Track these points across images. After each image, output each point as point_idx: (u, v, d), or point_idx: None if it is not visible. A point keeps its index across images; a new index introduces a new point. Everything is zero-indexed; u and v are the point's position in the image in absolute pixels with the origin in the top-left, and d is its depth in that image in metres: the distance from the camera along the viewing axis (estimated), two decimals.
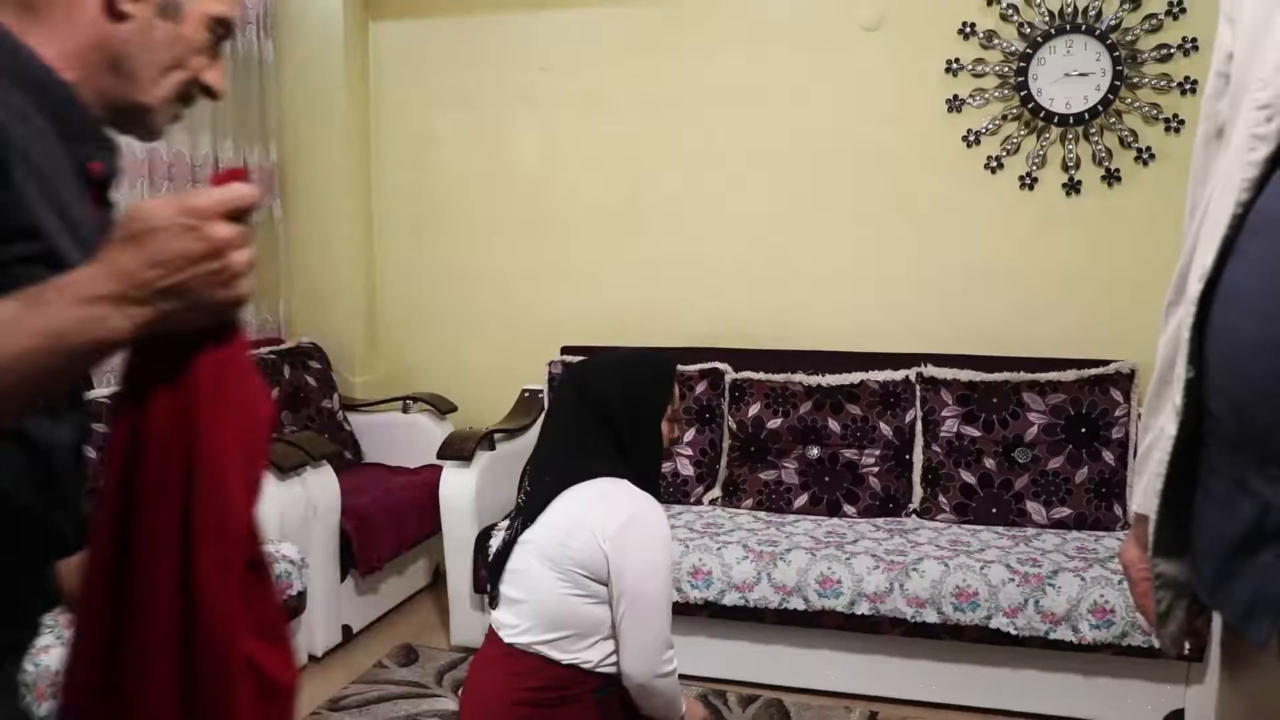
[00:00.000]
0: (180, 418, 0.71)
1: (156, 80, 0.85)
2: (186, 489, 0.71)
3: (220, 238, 0.68)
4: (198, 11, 0.86)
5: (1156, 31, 3.00)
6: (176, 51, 0.86)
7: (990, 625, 2.46)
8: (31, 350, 0.63)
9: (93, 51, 0.81)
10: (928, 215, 3.26)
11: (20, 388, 0.64)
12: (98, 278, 0.66)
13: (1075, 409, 2.89)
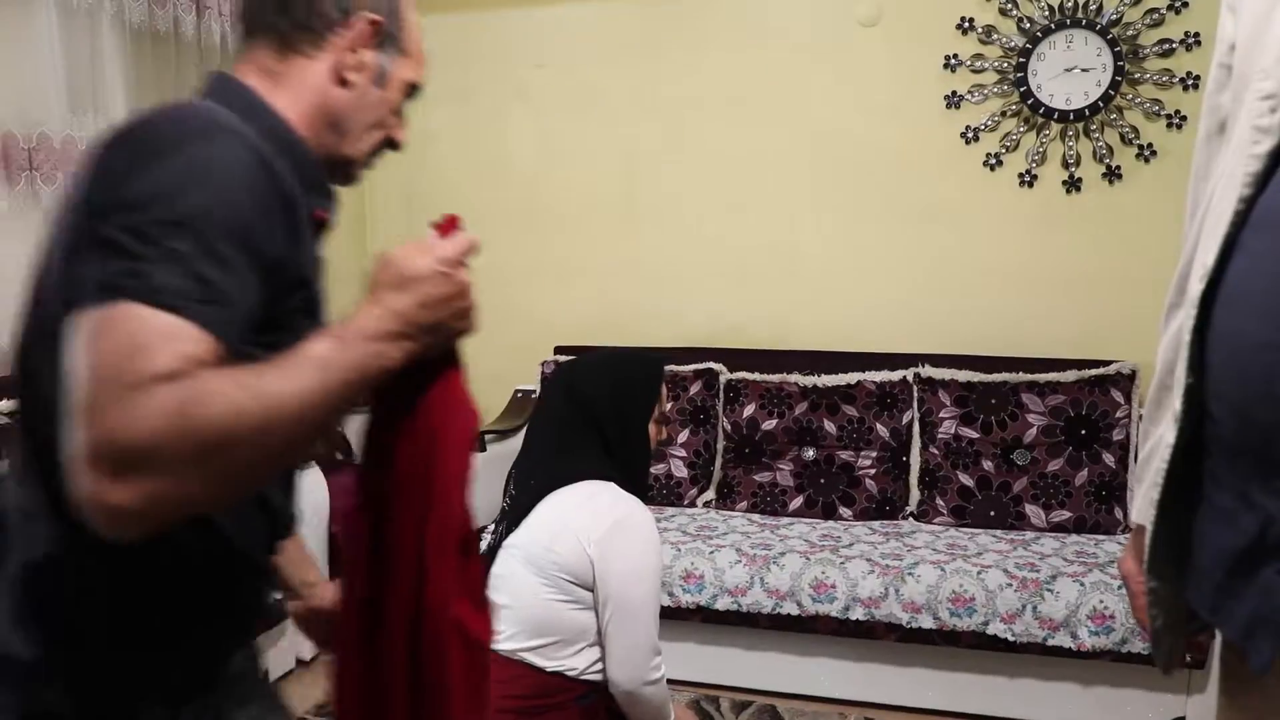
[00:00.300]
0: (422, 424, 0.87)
1: (362, 137, 0.99)
2: (426, 487, 0.87)
3: (464, 280, 0.85)
4: (398, 78, 1.00)
5: (1158, 26, 2.95)
6: (381, 113, 1.00)
7: (987, 631, 2.41)
8: (343, 384, 0.75)
9: (319, 112, 0.94)
10: (925, 213, 3.21)
11: (331, 416, 0.77)
12: (382, 318, 0.80)
13: (1075, 410, 2.84)
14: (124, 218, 0.72)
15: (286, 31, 0.93)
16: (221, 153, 0.78)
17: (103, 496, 0.65)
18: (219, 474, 0.69)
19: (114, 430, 0.65)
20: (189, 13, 3.28)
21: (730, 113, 3.35)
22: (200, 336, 0.70)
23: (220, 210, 0.75)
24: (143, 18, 3.10)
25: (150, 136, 0.78)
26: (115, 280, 0.70)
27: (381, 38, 0.97)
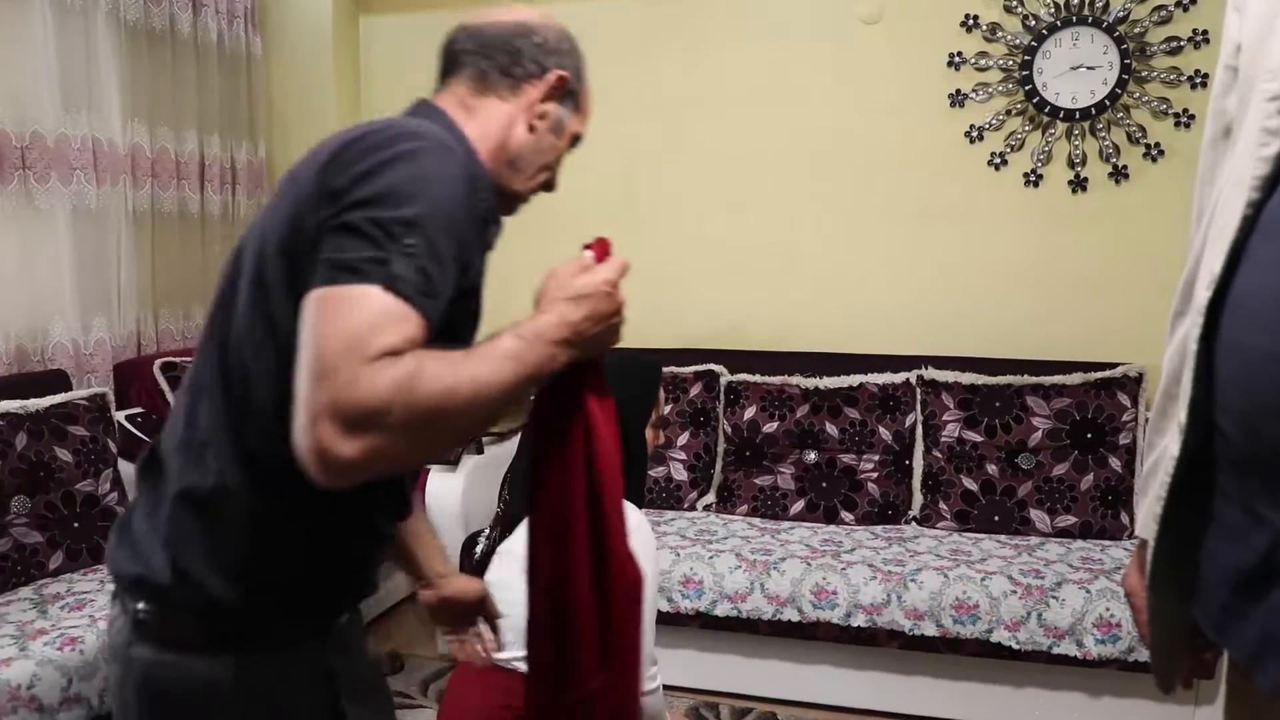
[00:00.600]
0: (582, 418, 1.06)
1: (533, 176, 1.12)
2: (590, 466, 1.07)
3: (621, 299, 0.99)
4: (570, 130, 1.14)
5: (1166, 23, 2.91)
6: (550, 158, 1.13)
7: (991, 639, 2.37)
8: (525, 377, 0.89)
9: (501, 149, 1.06)
10: (929, 213, 3.17)
11: (511, 401, 0.89)
12: (558, 326, 0.93)
13: (1081, 414, 2.80)
14: (368, 211, 0.84)
15: (488, 74, 1.07)
16: (447, 168, 0.91)
17: (332, 448, 0.77)
18: (427, 439, 0.82)
19: (351, 393, 0.76)
20: (185, 10, 3.25)
21: (731, 112, 3.31)
22: (420, 322, 0.83)
23: (442, 217, 0.87)
24: (138, 15, 3.07)
25: (389, 144, 0.89)
26: (360, 265, 0.82)
27: (564, 93, 1.11)
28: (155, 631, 0.99)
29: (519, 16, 1.11)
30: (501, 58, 1.07)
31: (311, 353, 0.79)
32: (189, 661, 0.98)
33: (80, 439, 2.52)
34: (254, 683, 0.99)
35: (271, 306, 0.92)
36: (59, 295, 2.81)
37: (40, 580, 2.33)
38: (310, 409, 0.78)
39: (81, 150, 2.84)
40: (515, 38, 1.08)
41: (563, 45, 1.12)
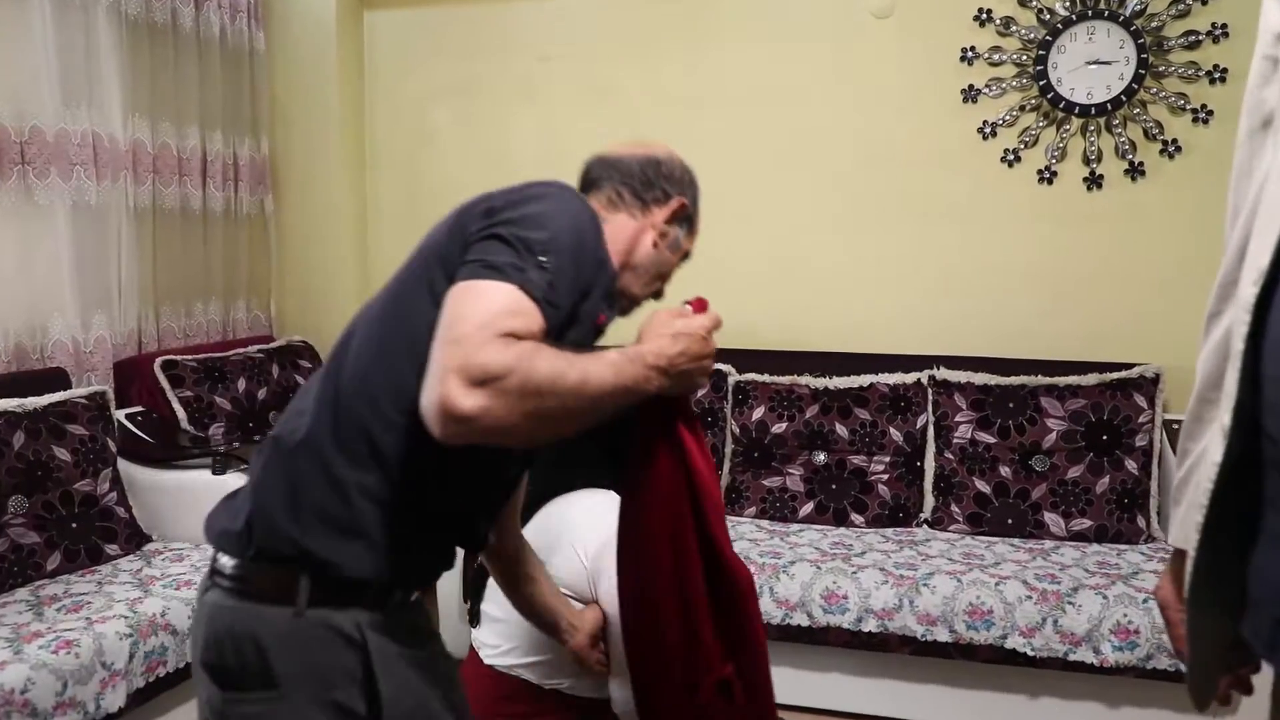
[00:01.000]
0: (678, 445, 1.21)
1: (648, 284, 1.29)
2: (690, 484, 1.21)
3: (712, 347, 1.13)
4: (683, 249, 1.32)
5: (1184, 17, 2.85)
6: (663, 270, 1.30)
7: (1005, 645, 2.32)
8: (621, 387, 1.03)
9: (626, 255, 1.24)
10: (941, 211, 3.12)
11: (604, 406, 1.03)
12: (656, 355, 1.07)
13: (1096, 415, 2.74)
14: (516, 229, 1.03)
15: (622, 194, 1.26)
16: (581, 215, 1.11)
17: (454, 400, 0.91)
18: (533, 412, 0.94)
19: (478, 356, 0.92)
20: (187, 4, 3.22)
21: (739, 108, 3.26)
22: (541, 322, 1.00)
23: (571, 247, 1.06)
24: (139, 9, 3.03)
25: (541, 187, 1.12)
26: (502, 266, 1.00)
27: (683, 218, 1.30)
28: (227, 580, 1.11)
29: (648, 151, 1.30)
30: (634, 183, 1.26)
31: (449, 325, 0.96)
32: (250, 609, 1.09)
33: (79, 438, 2.48)
34: (301, 637, 1.09)
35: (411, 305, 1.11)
36: (59, 292, 2.77)
37: (37, 581, 2.29)
38: (441, 366, 0.93)
39: (82, 146, 2.81)
40: (646, 168, 1.27)
41: (684, 178, 1.32)
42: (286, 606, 1.08)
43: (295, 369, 3.34)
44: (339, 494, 1.08)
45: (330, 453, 1.08)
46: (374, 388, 1.09)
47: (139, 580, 2.31)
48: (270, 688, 1.08)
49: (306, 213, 3.64)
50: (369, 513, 1.08)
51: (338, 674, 1.09)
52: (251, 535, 1.09)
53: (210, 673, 1.11)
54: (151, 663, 2.10)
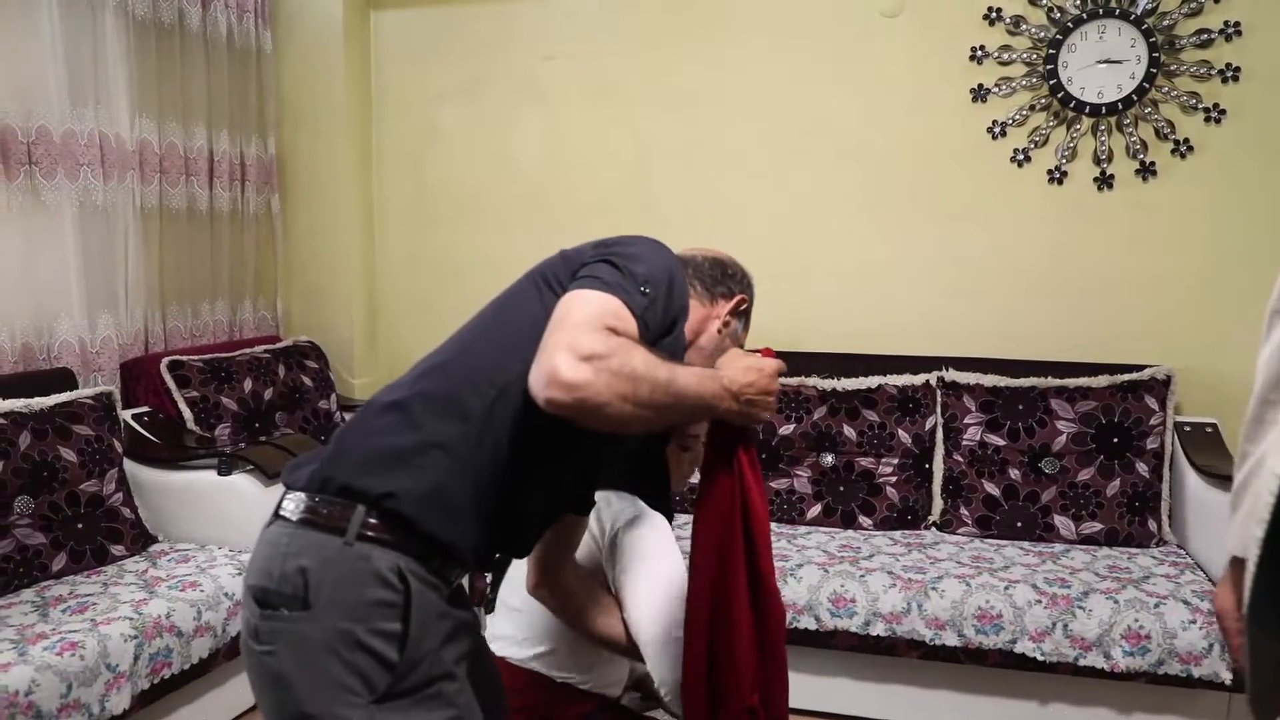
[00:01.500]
0: (735, 474, 1.31)
1: (705, 364, 1.36)
2: (744, 516, 1.30)
3: (777, 387, 1.27)
4: (738, 340, 1.48)
5: (1196, 15, 2.83)
6: (719, 357, 1.36)
7: (1015, 650, 2.30)
8: (698, 396, 1.16)
9: (695, 334, 1.40)
10: (950, 211, 3.10)
11: (681, 411, 1.17)
12: (732, 379, 1.21)
13: (1107, 417, 2.72)
14: (624, 260, 1.20)
15: (697, 286, 1.41)
16: (677, 267, 1.27)
17: (561, 369, 1.03)
18: (627, 395, 1.06)
19: (585, 337, 1.06)
20: (194, 5, 3.21)
21: (747, 107, 3.25)
22: (636, 334, 1.14)
23: (665, 284, 1.22)
24: (147, 9, 3.03)
25: (644, 239, 1.28)
26: (610, 281, 1.16)
27: (742, 312, 1.47)
28: (290, 513, 1.19)
29: (715, 254, 1.48)
30: (705, 278, 1.43)
31: (561, 318, 1.10)
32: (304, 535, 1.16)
33: (85, 438, 2.48)
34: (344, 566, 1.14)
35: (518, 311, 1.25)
36: (65, 292, 2.77)
37: (43, 582, 2.29)
38: (552, 344, 1.06)
39: (88, 145, 2.80)
40: (715, 267, 1.45)
41: (744, 279, 1.48)
42: (338, 536, 1.13)
43: (301, 369, 3.34)
44: (415, 435, 1.16)
45: (418, 406, 1.19)
46: (473, 359, 1.22)
47: (144, 582, 2.30)
48: (304, 608, 1.12)
49: (313, 212, 3.64)
50: (435, 457, 1.16)
51: (369, 612, 1.12)
52: (322, 469, 1.18)
53: (255, 595, 1.16)
54: (156, 664, 2.10)
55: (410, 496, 1.15)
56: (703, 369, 1.21)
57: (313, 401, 3.31)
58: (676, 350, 1.27)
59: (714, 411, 1.21)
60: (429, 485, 1.15)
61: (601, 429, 1.12)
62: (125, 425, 2.69)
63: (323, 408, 3.35)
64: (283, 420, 3.18)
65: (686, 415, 1.18)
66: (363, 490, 1.15)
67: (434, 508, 1.16)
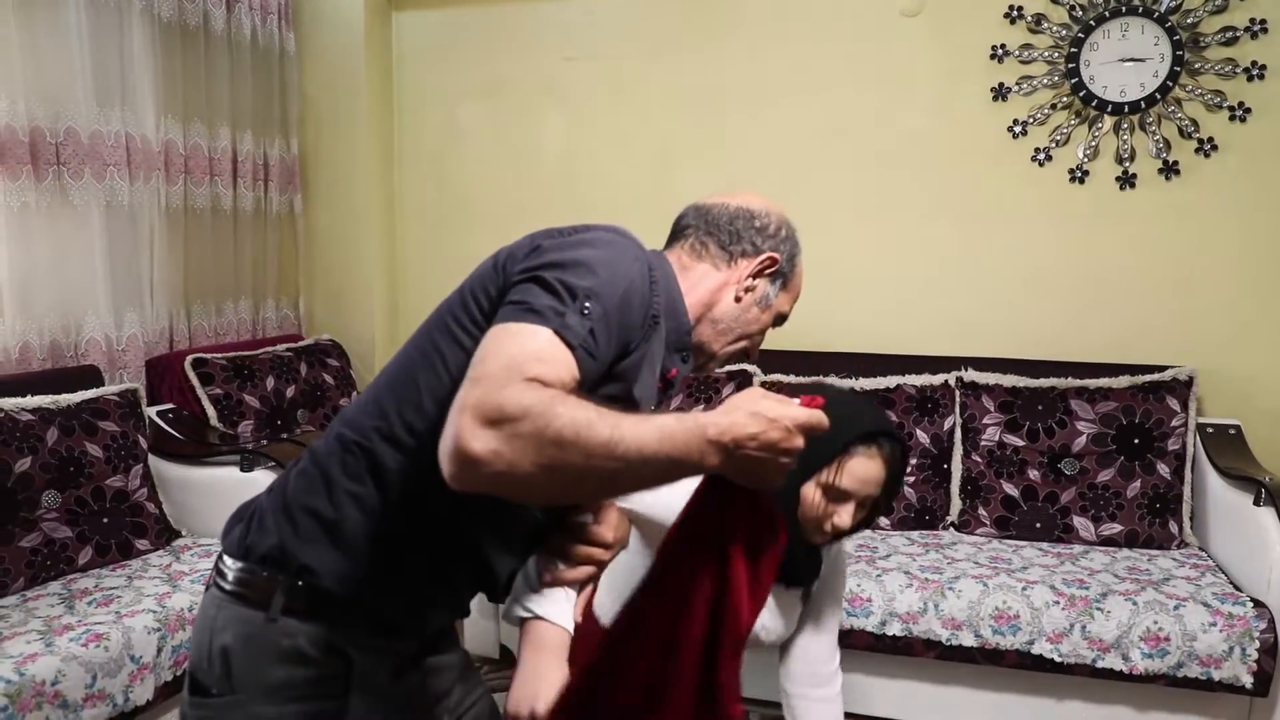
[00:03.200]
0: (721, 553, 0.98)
1: (731, 342, 1.20)
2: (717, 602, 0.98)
3: (796, 444, 0.91)
4: (775, 307, 1.22)
5: (1221, 13, 2.80)
6: (752, 329, 1.21)
7: (1032, 651, 2.29)
8: (667, 457, 0.86)
9: (705, 308, 1.17)
10: (970, 210, 3.09)
11: (642, 475, 0.88)
12: (722, 429, 0.87)
13: (1127, 418, 2.70)
14: (561, 273, 0.97)
15: (706, 245, 1.20)
16: (632, 265, 1.03)
17: (465, 440, 0.83)
18: (549, 465, 0.83)
19: (499, 395, 0.84)
20: (219, 6, 3.25)
21: (766, 106, 3.25)
22: (575, 371, 0.92)
23: (618, 297, 0.98)
24: (172, 12, 3.07)
25: (595, 236, 1.05)
26: (542, 309, 0.93)
27: (775, 273, 1.20)
28: (222, 579, 1.10)
29: (743, 202, 1.23)
30: (721, 234, 1.20)
31: (476, 363, 0.90)
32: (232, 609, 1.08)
33: (111, 434, 2.52)
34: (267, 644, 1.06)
35: (444, 339, 1.07)
36: (92, 291, 2.82)
37: (69, 575, 2.33)
38: (459, 403, 0.86)
39: (115, 146, 2.85)
40: (736, 220, 1.21)
41: (780, 232, 1.22)
42: (261, 610, 1.05)
43: (323, 367, 3.37)
44: (331, 499, 1.06)
45: (332, 461, 1.08)
46: (386, 406, 1.07)
47: (168, 575, 2.34)
48: (229, 693, 1.05)
49: (335, 212, 3.67)
50: (356, 522, 1.05)
51: (296, 693, 1.05)
52: (248, 533, 1.09)
53: (191, 674, 1.10)
54: (179, 657, 2.13)
55: (330, 569, 1.05)
56: (678, 418, 0.88)
57: (334, 399, 3.35)
58: (640, 378, 1.06)
59: (692, 471, 0.90)
60: (351, 554, 1.05)
61: (532, 502, 1.01)
62: (150, 422, 2.73)
63: (344, 405, 3.38)
64: (304, 418, 3.22)
65: (651, 479, 0.89)
66: (285, 561, 1.05)
67: (360, 575, 1.05)
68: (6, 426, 2.30)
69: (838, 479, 1.39)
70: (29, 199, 2.61)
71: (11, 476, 2.26)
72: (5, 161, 2.54)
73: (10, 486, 2.25)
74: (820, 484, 1.40)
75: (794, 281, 1.24)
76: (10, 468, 2.26)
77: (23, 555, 2.25)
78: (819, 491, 1.41)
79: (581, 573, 1.16)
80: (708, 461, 0.88)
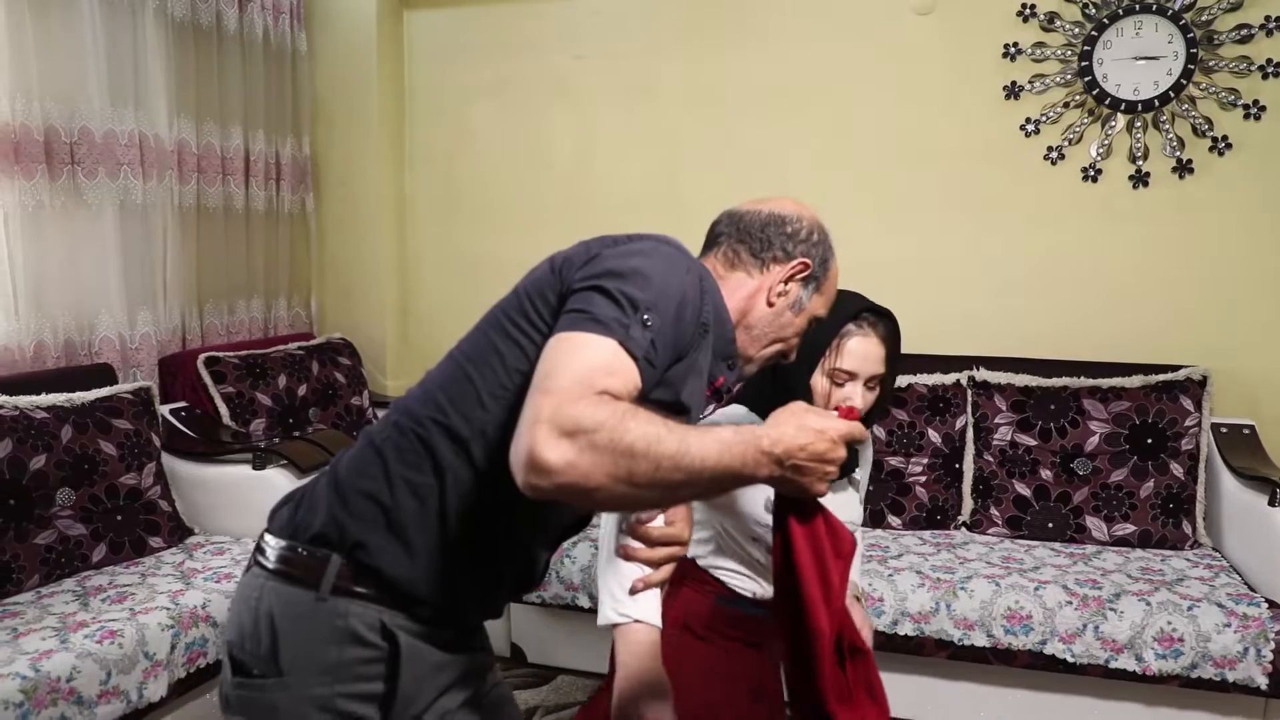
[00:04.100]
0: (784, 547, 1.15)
1: (766, 346, 1.21)
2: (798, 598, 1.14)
3: (840, 455, 1.00)
4: (809, 311, 1.23)
5: (1236, 10, 2.78)
6: (786, 334, 1.22)
7: (1045, 651, 2.28)
8: (726, 468, 0.94)
9: (740, 314, 1.19)
10: (983, 208, 3.07)
11: (704, 484, 0.94)
12: (773, 441, 0.96)
13: (1140, 418, 2.69)
14: (622, 284, 0.99)
15: (739, 253, 1.21)
16: (690, 277, 1.07)
17: (541, 450, 0.86)
18: (621, 475, 0.88)
19: (574, 409, 0.87)
20: (231, 6, 3.27)
21: (779, 104, 3.24)
22: (638, 381, 0.97)
23: (674, 308, 1.02)
24: (185, 11, 3.08)
25: (651, 246, 1.07)
26: (608, 320, 0.96)
27: (808, 277, 1.21)
28: (265, 558, 1.11)
29: (776, 208, 1.24)
30: (753, 242, 1.21)
31: (547, 374, 0.92)
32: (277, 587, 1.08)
33: (124, 432, 2.53)
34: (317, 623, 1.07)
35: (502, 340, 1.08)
36: (105, 289, 2.83)
37: (84, 572, 2.34)
38: (533, 414, 0.88)
39: (128, 146, 2.86)
40: (768, 226, 1.22)
41: (812, 236, 1.23)
42: (311, 590, 1.06)
43: (335, 366, 3.38)
44: (389, 483, 1.07)
45: (388, 446, 1.09)
46: (446, 399, 1.08)
47: (181, 573, 2.35)
48: (275, 674, 1.05)
49: (347, 210, 3.68)
50: (411, 510, 1.06)
51: (346, 674, 1.06)
52: (297, 512, 1.11)
53: (230, 654, 1.10)
54: (192, 654, 2.14)
55: (383, 549, 1.06)
56: (735, 430, 0.95)
57: (345, 398, 3.35)
58: (688, 385, 1.09)
59: (749, 481, 0.98)
60: (403, 536, 1.06)
61: (596, 509, 1.04)
62: (163, 420, 2.75)
63: (355, 404, 3.39)
64: (316, 416, 3.22)
65: (709, 489, 0.96)
66: (337, 539, 1.07)
67: (413, 564, 1.06)
68: (21, 424, 2.31)
69: (839, 361, 1.48)
70: (44, 198, 2.63)
71: (27, 474, 2.27)
72: (20, 161, 2.56)
73: (25, 484, 2.27)
74: (825, 371, 1.48)
75: (827, 284, 1.25)
76: (25, 465, 2.27)
77: (37, 552, 2.26)
78: (826, 379, 1.49)
79: (666, 572, 1.26)
80: (760, 472, 0.96)
